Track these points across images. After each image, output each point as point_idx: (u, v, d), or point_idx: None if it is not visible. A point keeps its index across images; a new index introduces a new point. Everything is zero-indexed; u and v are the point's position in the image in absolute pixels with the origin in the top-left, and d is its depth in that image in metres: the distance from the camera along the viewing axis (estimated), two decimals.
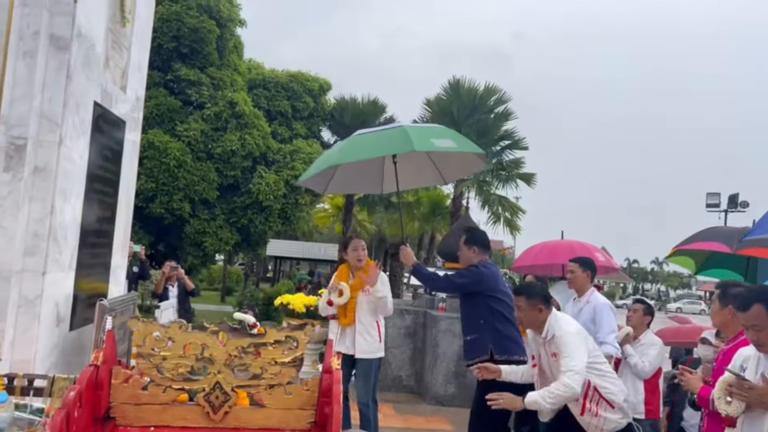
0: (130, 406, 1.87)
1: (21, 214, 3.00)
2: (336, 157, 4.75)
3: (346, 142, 4.87)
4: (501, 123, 18.10)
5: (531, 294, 3.54)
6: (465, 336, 4.32)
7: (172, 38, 14.35)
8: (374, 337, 4.59)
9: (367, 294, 4.61)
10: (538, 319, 3.48)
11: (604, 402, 3.35)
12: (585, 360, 3.30)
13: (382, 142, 4.56)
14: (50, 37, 3.09)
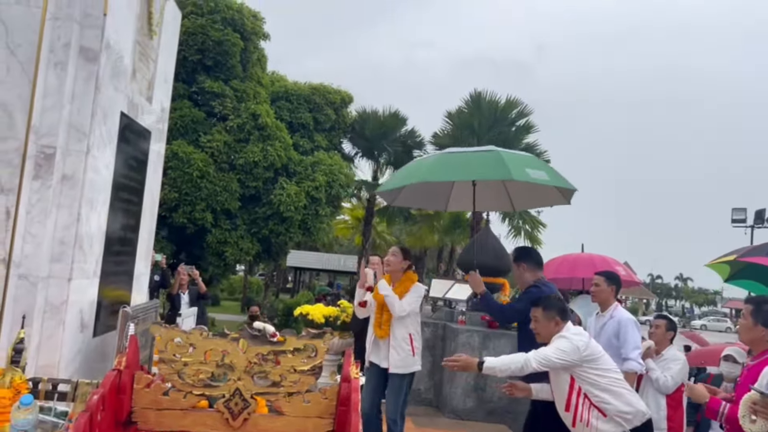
0: (152, 411, 1.89)
1: (49, 221, 3.07)
2: (424, 173, 4.57)
3: (434, 159, 4.74)
4: (522, 136, 18.04)
5: (548, 306, 3.52)
6: None
7: (197, 51, 14.59)
8: (407, 351, 4.39)
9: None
10: (554, 331, 3.46)
11: (594, 409, 3.29)
12: (558, 361, 3.29)
13: (476, 165, 4.43)
14: (80, 48, 3.17)
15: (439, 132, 18.50)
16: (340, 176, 16.08)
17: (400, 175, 5.07)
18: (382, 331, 4.40)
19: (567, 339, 3.37)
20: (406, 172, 5.12)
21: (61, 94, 3.09)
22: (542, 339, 3.59)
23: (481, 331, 7.00)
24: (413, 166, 5.04)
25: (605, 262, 5.87)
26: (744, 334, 3.18)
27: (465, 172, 4.47)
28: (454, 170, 4.51)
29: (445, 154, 4.64)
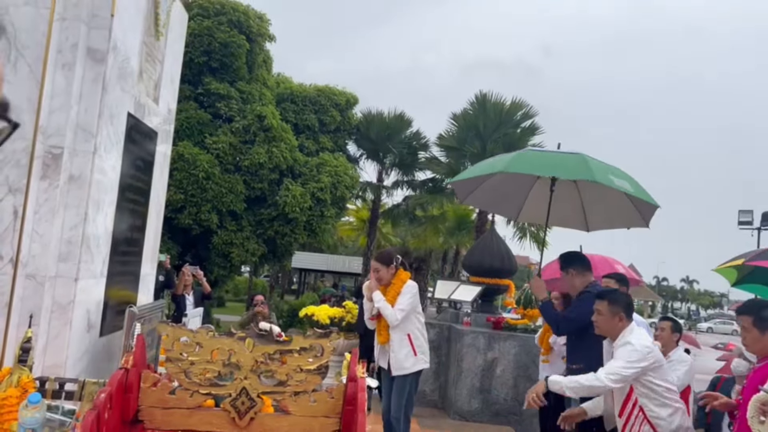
0: (158, 410, 1.90)
1: (56, 221, 3.09)
2: (502, 165, 4.47)
3: (515, 154, 4.65)
4: (528, 137, 18.00)
5: (614, 300, 3.48)
6: (569, 363, 4.06)
7: (203, 53, 14.63)
8: (406, 351, 4.39)
9: None
10: (617, 327, 3.42)
11: (647, 424, 3.26)
12: (630, 372, 3.22)
13: (558, 163, 4.35)
14: (87, 49, 3.19)
15: (445, 133, 18.48)
16: (345, 177, 16.09)
17: (479, 167, 4.92)
18: (382, 337, 4.46)
19: (633, 347, 3.29)
20: (483, 164, 4.96)
21: (68, 95, 3.11)
22: (601, 332, 3.56)
23: (486, 333, 6.99)
24: (491, 161, 4.89)
25: (605, 262, 5.86)
26: (754, 346, 3.10)
27: (547, 167, 4.36)
28: (535, 165, 4.40)
29: (528, 151, 4.60)
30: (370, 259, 7.97)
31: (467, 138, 17.65)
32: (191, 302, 7.32)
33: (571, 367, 3.98)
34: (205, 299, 7.65)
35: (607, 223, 5.09)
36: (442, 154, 18.76)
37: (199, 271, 7.59)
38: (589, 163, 4.16)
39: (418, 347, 4.40)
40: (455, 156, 18.06)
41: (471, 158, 17.82)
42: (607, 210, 4.80)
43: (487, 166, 4.79)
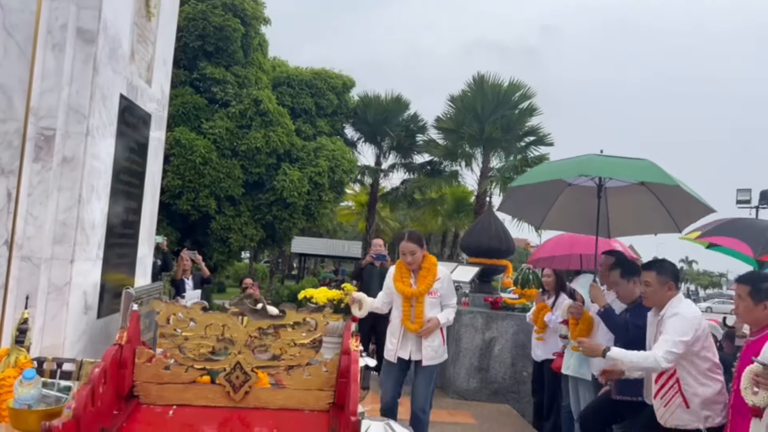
0: (153, 385, 1.91)
1: (50, 203, 3.08)
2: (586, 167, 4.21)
3: (586, 158, 4.32)
4: (526, 119, 17.96)
5: (662, 270, 3.47)
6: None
7: (197, 37, 14.52)
8: (439, 341, 4.31)
9: (434, 297, 4.28)
10: (666, 297, 3.41)
11: (680, 396, 3.27)
12: (683, 347, 3.21)
13: (636, 168, 4.19)
14: (77, 30, 3.16)
15: (442, 116, 18.43)
16: (342, 161, 16.05)
17: (536, 173, 4.73)
18: (415, 325, 4.23)
19: (683, 317, 3.28)
20: (557, 167, 4.62)
21: (59, 76, 3.09)
22: (651, 304, 3.54)
23: (484, 313, 7.03)
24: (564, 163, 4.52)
25: (603, 240, 5.86)
26: (746, 316, 3.12)
27: (628, 172, 4.20)
28: (615, 169, 4.19)
29: (591, 156, 4.31)
30: (369, 244, 7.99)
31: (465, 120, 17.61)
32: (190, 286, 7.33)
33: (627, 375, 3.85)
34: (204, 283, 7.67)
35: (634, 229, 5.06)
36: (440, 137, 18.73)
37: (197, 256, 7.60)
38: (663, 169, 4.07)
39: (445, 337, 4.38)
40: (453, 138, 18.03)
41: (469, 140, 17.79)
42: (635, 214, 4.74)
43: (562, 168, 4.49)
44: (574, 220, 5.05)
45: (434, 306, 4.28)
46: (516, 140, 17.83)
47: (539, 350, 5.80)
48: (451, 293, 4.41)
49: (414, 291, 4.23)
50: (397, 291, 4.31)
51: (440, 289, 4.31)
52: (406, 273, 4.33)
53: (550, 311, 5.55)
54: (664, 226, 4.73)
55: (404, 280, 4.31)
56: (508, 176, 17.75)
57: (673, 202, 4.51)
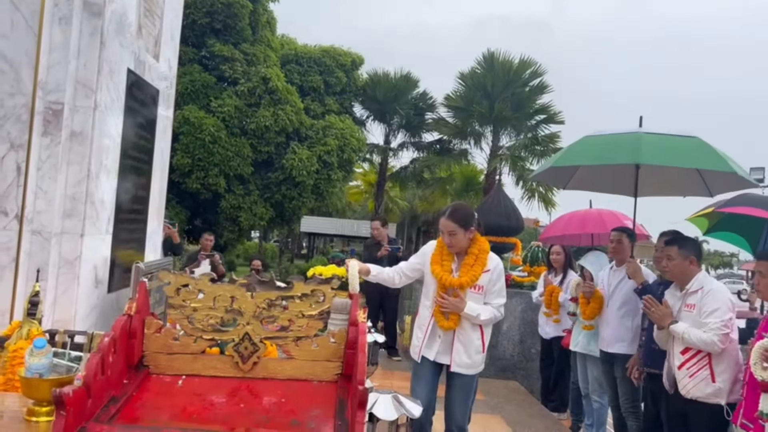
0: (163, 355, 1.92)
1: (60, 177, 3.09)
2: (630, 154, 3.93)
3: (633, 138, 3.98)
4: (536, 96, 17.78)
5: (684, 244, 3.50)
6: (657, 345, 3.71)
7: (205, 14, 14.43)
8: (477, 346, 3.44)
9: (477, 292, 3.41)
10: (688, 271, 3.45)
11: (708, 370, 3.28)
12: (731, 325, 3.26)
13: (689, 153, 3.87)
14: (84, 2, 3.14)
15: (452, 94, 18.28)
16: (351, 140, 16.01)
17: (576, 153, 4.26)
18: (449, 322, 3.40)
19: (719, 295, 3.32)
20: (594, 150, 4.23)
21: (66, 50, 3.07)
22: (672, 277, 3.59)
23: None
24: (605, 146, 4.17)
25: (614, 217, 5.82)
26: (766, 292, 3.14)
27: (680, 158, 3.90)
28: (664, 155, 3.90)
29: (645, 134, 3.96)
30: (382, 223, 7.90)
31: (475, 98, 17.46)
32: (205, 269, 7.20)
33: (656, 348, 3.74)
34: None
35: (663, 190, 4.79)
36: (450, 115, 18.60)
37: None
38: (714, 151, 3.81)
39: (486, 342, 3.51)
40: (463, 116, 17.90)
41: (479, 118, 17.66)
42: (665, 174, 4.42)
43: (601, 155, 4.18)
44: (601, 179, 4.79)
45: (476, 303, 3.41)
46: (526, 118, 17.68)
47: (548, 327, 5.80)
48: (500, 291, 3.48)
49: (454, 281, 3.36)
50: (433, 275, 3.44)
51: (487, 284, 3.42)
52: (447, 255, 3.46)
53: (561, 292, 5.54)
54: (696, 189, 4.49)
55: (444, 263, 3.44)
56: (517, 154, 17.64)
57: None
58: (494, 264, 3.46)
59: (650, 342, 3.86)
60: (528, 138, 17.73)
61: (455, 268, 3.43)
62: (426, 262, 3.52)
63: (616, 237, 4.49)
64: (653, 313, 3.53)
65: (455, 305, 3.35)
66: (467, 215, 3.45)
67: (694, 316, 3.37)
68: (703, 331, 3.28)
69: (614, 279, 4.44)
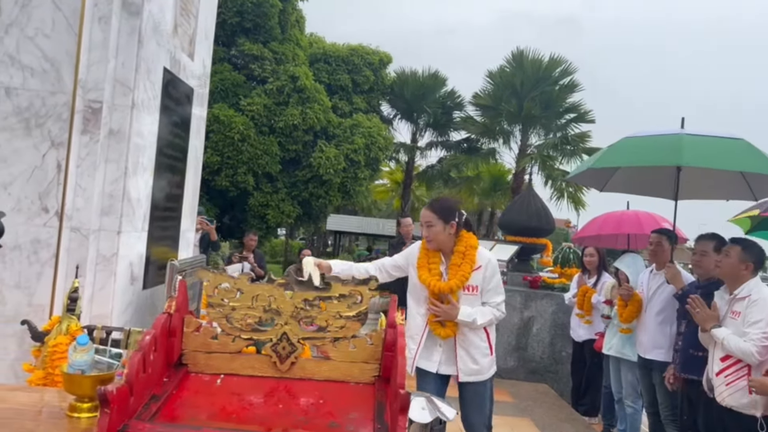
0: (201, 354, 1.93)
1: (98, 174, 3.13)
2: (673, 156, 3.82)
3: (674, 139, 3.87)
4: (566, 95, 17.57)
5: (747, 248, 3.39)
6: (692, 350, 3.67)
7: (235, 13, 14.56)
8: (483, 350, 3.22)
9: (471, 293, 3.17)
10: (741, 275, 3.36)
11: (746, 379, 3.19)
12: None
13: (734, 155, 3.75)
14: (123, 2, 3.17)
15: (480, 92, 18.16)
16: (378, 139, 16.00)
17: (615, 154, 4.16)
18: (447, 330, 3.16)
19: (763, 304, 3.22)
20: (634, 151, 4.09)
21: (105, 49, 3.11)
22: (722, 275, 3.47)
23: (523, 291, 6.95)
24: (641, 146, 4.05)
25: (652, 219, 5.69)
26: None
27: (723, 160, 3.76)
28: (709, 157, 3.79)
29: (686, 136, 3.84)
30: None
31: (503, 96, 17.32)
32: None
33: (697, 354, 3.64)
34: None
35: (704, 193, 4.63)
36: (478, 114, 18.49)
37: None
38: (760, 150, 3.71)
39: (492, 342, 3.30)
40: (491, 115, 17.77)
41: (507, 117, 17.51)
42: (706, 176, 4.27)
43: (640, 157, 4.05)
44: (639, 182, 4.68)
45: (472, 304, 3.17)
46: (556, 117, 17.48)
47: (581, 330, 5.71)
48: (497, 288, 3.24)
49: (443, 286, 3.11)
50: (421, 282, 3.18)
51: (481, 282, 3.19)
52: (434, 257, 3.21)
53: (595, 293, 5.45)
54: (739, 192, 4.35)
55: (432, 267, 3.19)
56: (546, 154, 17.44)
57: None
58: (485, 260, 3.21)
59: (688, 347, 3.77)
60: (558, 137, 17.53)
61: (444, 270, 3.19)
62: (411, 265, 3.28)
63: (656, 239, 4.39)
64: (698, 314, 3.44)
65: (447, 312, 3.11)
66: (448, 207, 3.23)
67: (738, 324, 3.28)
68: (743, 340, 3.19)
69: (654, 283, 4.34)
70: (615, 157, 4.19)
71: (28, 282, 3.02)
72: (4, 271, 3.00)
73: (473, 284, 3.17)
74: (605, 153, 4.36)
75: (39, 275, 3.02)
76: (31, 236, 3.01)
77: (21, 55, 3.02)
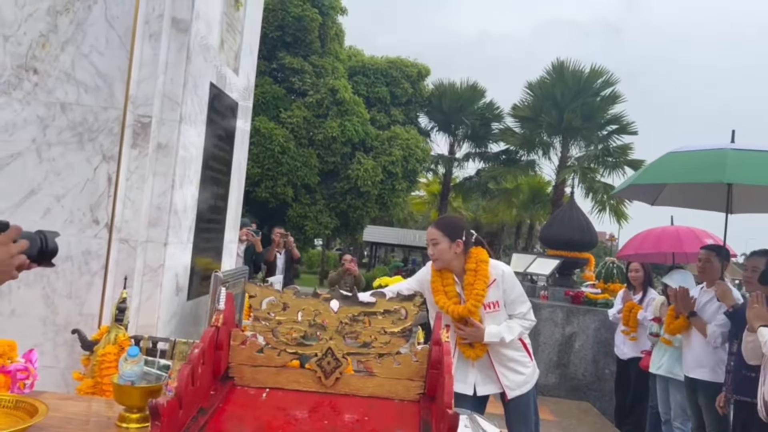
0: (247, 367, 1.93)
1: (146, 187, 3.20)
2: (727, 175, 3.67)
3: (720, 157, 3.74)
4: (608, 106, 17.29)
5: None
6: (748, 371, 3.53)
7: (276, 28, 14.84)
8: (523, 361, 3.17)
9: (494, 311, 3.09)
10: None
11: None
12: None
13: None
14: (172, 20, 3.25)
15: (519, 103, 18.03)
16: (416, 150, 16.03)
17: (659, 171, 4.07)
18: (476, 350, 3.10)
19: None
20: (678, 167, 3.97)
21: (155, 65, 3.19)
22: (752, 289, 3.44)
23: (564, 307, 6.81)
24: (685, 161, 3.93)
25: (693, 235, 5.52)
26: None
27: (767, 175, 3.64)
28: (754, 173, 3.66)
29: (731, 151, 3.72)
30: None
31: (543, 107, 17.14)
32: (282, 263, 7.45)
33: (750, 374, 3.49)
34: (294, 263, 7.85)
35: (759, 206, 4.49)
36: (517, 125, 18.34)
37: (290, 238, 7.73)
38: None
39: (530, 348, 3.27)
40: (530, 126, 17.61)
41: (547, 128, 17.31)
42: (760, 188, 4.13)
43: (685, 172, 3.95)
44: (691, 195, 4.56)
45: (497, 320, 3.09)
46: (597, 129, 17.21)
47: (626, 348, 5.55)
48: (519, 298, 3.15)
49: (461, 311, 3.04)
50: (440, 308, 3.07)
51: (502, 296, 3.11)
52: (447, 278, 3.12)
53: (641, 309, 5.30)
54: None
55: (447, 290, 3.11)
56: (587, 166, 17.17)
57: None
58: (499, 272, 3.10)
59: (740, 368, 3.62)
60: (599, 149, 17.24)
61: (461, 291, 3.11)
62: (426, 289, 3.17)
63: (705, 256, 4.24)
64: (753, 309, 3.30)
65: (474, 336, 3.05)
66: (453, 224, 3.18)
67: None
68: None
69: (702, 299, 4.21)
70: (658, 174, 4.09)
71: (78, 292, 3.10)
72: (57, 281, 3.09)
73: (492, 300, 3.09)
74: (648, 169, 4.27)
75: (89, 285, 3.09)
76: (82, 247, 3.10)
77: (76, 72, 3.12)
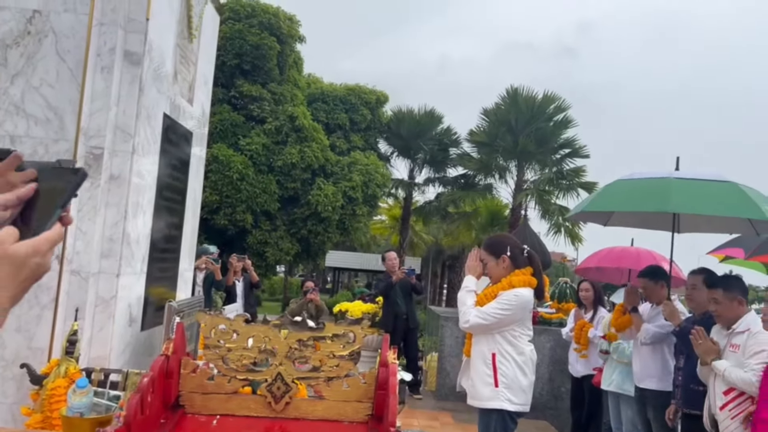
0: (198, 395, 1.97)
1: (98, 219, 3.20)
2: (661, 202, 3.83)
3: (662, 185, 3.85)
4: (561, 131, 17.82)
5: (729, 286, 3.44)
6: (692, 384, 3.72)
7: (234, 55, 14.89)
8: (486, 377, 3.27)
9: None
10: (738, 311, 3.40)
11: (747, 412, 3.22)
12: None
13: (724, 200, 3.74)
14: (125, 52, 3.30)
15: (476, 129, 18.43)
16: (376, 176, 16.19)
17: (608, 198, 4.21)
18: (465, 347, 3.49)
19: (764, 337, 3.27)
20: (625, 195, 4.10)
21: (107, 97, 3.22)
22: (725, 322, 3.47)
23: None
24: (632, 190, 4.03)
25: (651, 257, 5.76)
26: None
27: (710, 205, 3.79)
28: (696, 202, 3.80)
29: (675, 180, 3.81)
30: (404, 257, 8.02)
31: (499, 133, 17.57)
32: (241, 289, 7.38)
33: (698, 388, 3.66)
34: (253, 288, 7.75)
35: (706, 226, 4.61)
36: (474, 150, 18.72)
37: (247, 261, 7.64)
38: (748, 195, 3.69)
39: (502, 377, 3.26)
40: (487, 151, 17.99)
41: (503, 153, 17.73)
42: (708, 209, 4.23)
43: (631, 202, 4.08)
44: (641, 216, 4.72)
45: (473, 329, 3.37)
46: (551, 152, 17.70)
47: (579, 365, 5.71)
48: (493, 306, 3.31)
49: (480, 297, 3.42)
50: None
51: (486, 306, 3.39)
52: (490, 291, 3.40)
53: (592, 327, 5.47)
54: (742, 228, 4.35)
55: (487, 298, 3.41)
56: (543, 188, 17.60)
57: None
58: (508, 293, 3.28)
59: (689, 382, 3.79)
60: (553, 172, 17.72)
61: None
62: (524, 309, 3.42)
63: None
64: (700, 346, 3.46)
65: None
66: (497, 242, 3.48)
67: (738, 357, 3.32)
68: (744, 371, 3.23)
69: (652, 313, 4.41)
70: (606, 201, 4.27)
71: (27, 325, 3.05)
72: None
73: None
74: (598, 196, 4.46)
75: (39, 318, 3.05)
76: None
77: (26, 105, 3.13)
